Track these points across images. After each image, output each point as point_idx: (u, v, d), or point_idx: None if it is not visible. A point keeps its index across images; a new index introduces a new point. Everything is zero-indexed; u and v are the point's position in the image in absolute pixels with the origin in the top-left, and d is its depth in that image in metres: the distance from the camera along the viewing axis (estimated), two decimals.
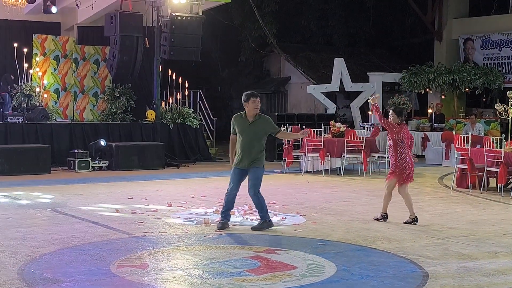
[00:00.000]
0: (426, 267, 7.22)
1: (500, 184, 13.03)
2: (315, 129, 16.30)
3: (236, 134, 9.31)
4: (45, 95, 18.52)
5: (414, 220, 9.82)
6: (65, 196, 12.01)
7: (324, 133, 16.48)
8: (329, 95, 22.80)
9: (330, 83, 22.22)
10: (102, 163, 16.56)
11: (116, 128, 18.26)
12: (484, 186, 13.44)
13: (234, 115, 9.52)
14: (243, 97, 9.39)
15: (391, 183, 10.05)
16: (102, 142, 16.75)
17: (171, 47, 17.69)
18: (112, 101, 19.40)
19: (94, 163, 16.36)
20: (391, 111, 10.06)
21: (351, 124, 22.06)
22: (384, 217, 10.03)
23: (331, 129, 16.78)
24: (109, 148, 16.76)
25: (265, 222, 9.24)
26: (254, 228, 9.23)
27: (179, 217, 10.02)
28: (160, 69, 18.65)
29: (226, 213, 9.40)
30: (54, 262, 7.27)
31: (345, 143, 15.93)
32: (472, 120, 18.47)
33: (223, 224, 9.27)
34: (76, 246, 8.03)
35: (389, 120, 9.93)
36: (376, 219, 10.03)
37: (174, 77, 19.74)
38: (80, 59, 19.43)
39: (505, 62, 22.99)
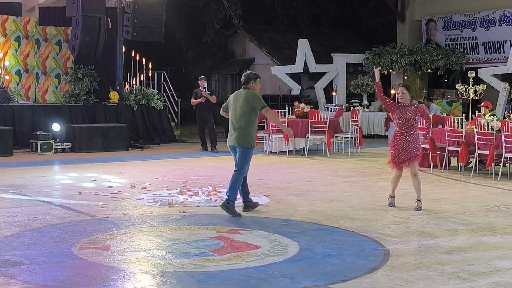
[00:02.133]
0: (387, 245, 7.32)
1: (461, 163, 13.24)
2: (280, 110, 16.32)
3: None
4: (7, 77, 18.25)
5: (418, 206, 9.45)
6: (27, 179, 11.88)
7: (289, 114, 16.51)
8: (294, 76, 22.83)
9: (295, 64, 22.26)
10: (65, 145, 16.40)
11: (79, 110, 18.09)
12: (445, 166, 13.63)
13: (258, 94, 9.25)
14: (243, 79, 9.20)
15: (415, 167, 9.52)
16: (55, 127, 16.52)
17: (134, 28, 17.54)
18: (75, 82, 19.19)
19: (56, 145, 16.20)
20: (400, 89, 9.45)
21: (316, 105, 22.15)
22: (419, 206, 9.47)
23: (295, 110, 16.83)
24: (72, 130, 16.60)
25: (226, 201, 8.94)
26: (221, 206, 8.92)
27: (143, 198, 9.99)
28: (123, 50, 18.47)
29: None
30: (15, 244, 7.21)
31: (309, 124, 15.99)
32: (426, 103, 18.79)
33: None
34: (38, 228, 7.96)
35: (400, 98, 9.36)
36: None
37: (137, 58, 19.59)
38: (42, 40, 19.15)
39: (466, 43, 23.24)
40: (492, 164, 12.57)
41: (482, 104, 14.65)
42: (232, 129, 9.02)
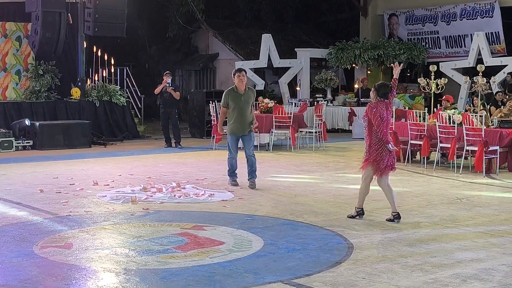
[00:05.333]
0: (351, 239, 7.35)
1: (423, 157, 13.37)
2: None
3: (227, 107, 10.70)
4: None
5: (396, 217, 8.29)
6: None
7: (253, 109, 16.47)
8: (258, 71, 22.79)
9: (258, 59, 22.25)
10: (26, 143, 16.18)
11: (40, 107, 17.85)
12: (408, 159, 13.75)
13: (226, 90, 10.95)
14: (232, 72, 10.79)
15: (368, 172, 8.50)
16: (27, 122, 16.35)
17: (95, 23, 17.37)
18: (35, 79, 18.87)
19: (17, 143, 15.97)
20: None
21: (280, 100, 22.17)
22: (360, 213, 8.50)
23: (260, 105, 16.83)
24: (33, 127, 16.37)
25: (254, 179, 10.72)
26: (251, 187, 10.58)
27: (105, 195, 9.89)
28: (85, 46, 18.26)
29: (234, 173, 10.94)
30: None
31: (273, 119, 16.00)
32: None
33: (235, 181, 10.86)
34: None
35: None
36: (350, 217, 8.47)
37: (99, 54, 19.37)
38: (1, 36, 18.79)
39: (428, 37, 23.47)
40: (454, 157, 12.72)
41: (444, 98, 14.83)
42: (242, 120, 10.70)
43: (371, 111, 8.26)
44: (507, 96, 17.50)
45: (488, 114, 13.64)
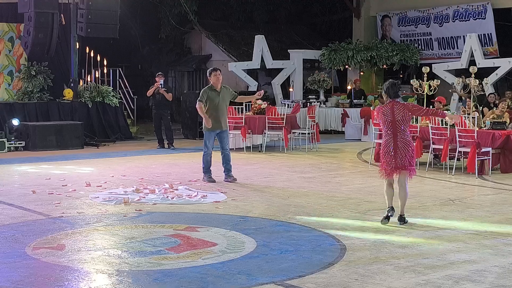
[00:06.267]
0: (343, 240, 7.36)
1: (416, 158, 13.37)
2: (236, 107, 16.29)
3: (203, 102, 11.22)
4: None
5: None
6: None
7: (246, 110, 16.49)
8: (251, 72, 22.81)
9: (251, 60, 22.25)
10: (19, 144, 16.13)
11: (32, 108, 17.80)
12: None
13: (203, 88, 11.61)
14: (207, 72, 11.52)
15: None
16: (15, 122, 16.29)
17: (88, 24, 17.33)
18: (28, 79, 18.83)
19: (10, 144, 15.91)
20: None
21: (273, 101, 22.17)
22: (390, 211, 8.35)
23: (253, 106, 16.82)
24: (26, 128, 16.32)
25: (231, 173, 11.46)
26: (230, 180, 11.36)
27: (98, 197, 9.87)
28: (78, 47, 18.22)
29: (209, 170, 11.47)
30: None
31: (266, 120, 16.01)
32: (380, 100, 19.11)
33: (210, 177, 11.38)
34: None
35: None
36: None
37: (92, 55, 19.33)
38: None
39: (421, 39, 23.52)
40: (447, 158, 12.75)
41: (436, 99, 14.85)
42: (219, 117, 11.38)
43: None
44: (499, 97, 17.56)
45: (481, 115, 13.67)
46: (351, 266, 6.39)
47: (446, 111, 8.44)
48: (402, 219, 8.27)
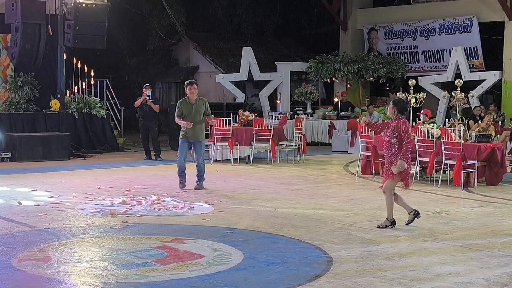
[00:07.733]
0: (330, 253, 7.37)
1: None
2: (224, 118, 16.31)
3: (181, 115, 11.78)
4: None
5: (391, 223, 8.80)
6: None
7: (233, 122, 16.52)
8: (238, 84, 22.86)
9: (239, 72, 22.31)
10: (4, 155, 16.05)
11: (19, 118, 17.73)
12: None
13: (179, 101, 12.20)
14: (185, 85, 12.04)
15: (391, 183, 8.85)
16: None
17: (76, 35, 17.30)
18: (14, 90, 18.76)
19: None
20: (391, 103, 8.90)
21: (260, 113, 22.22)
22: (393, 222, 8.83)
23: (240, 118, 16.84)
24: (12, 139, 16.25)
25: (202, 184, 12.01)
26: (198, 188, 11.85)
27: (85, 208, 9.83)
28: (65, 58, 18.19)
29: (182, 173, 12.03)
30: None
31: (254, 132, 16.04)
32: (369, 110, 19.33)
33: (182, 183, 11.99)
34: None
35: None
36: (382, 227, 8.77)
37: (79, 66, 19.31)
38: None
39: (407, 52, 23.68)
40: (433, 171, 12.81)
41: (422, 112, 14.94)
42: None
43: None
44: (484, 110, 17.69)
45: (466, 128, 13.76)
46: (338, 278, 6.40)
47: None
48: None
